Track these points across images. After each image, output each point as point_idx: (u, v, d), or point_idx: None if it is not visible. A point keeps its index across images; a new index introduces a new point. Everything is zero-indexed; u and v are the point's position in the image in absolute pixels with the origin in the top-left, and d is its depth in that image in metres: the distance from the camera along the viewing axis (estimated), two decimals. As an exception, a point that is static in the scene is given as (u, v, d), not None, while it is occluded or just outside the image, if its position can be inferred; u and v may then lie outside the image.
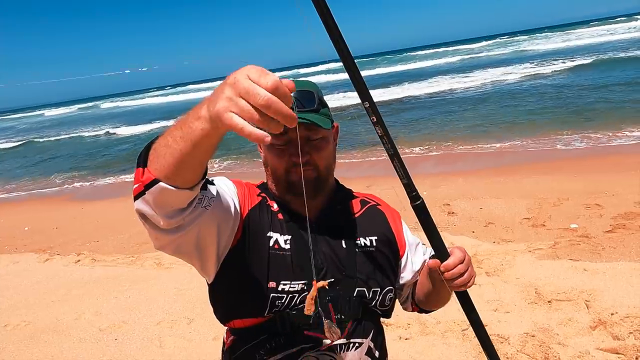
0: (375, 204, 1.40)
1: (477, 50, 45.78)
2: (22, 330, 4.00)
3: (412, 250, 1.38)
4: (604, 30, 40.92)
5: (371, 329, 1.26)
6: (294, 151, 1.16)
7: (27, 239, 7.04)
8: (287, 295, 1.16)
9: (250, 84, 0.72)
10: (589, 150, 7.89)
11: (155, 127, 21.80)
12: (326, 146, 1.22)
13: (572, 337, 2.98)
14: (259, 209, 1.23)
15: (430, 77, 24.08)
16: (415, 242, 1.42)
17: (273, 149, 1.20)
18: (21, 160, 18.07)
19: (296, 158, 1.15)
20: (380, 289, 1.26)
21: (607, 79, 14.67)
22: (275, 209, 1.26)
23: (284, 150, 1.19)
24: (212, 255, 1.15)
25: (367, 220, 1.33)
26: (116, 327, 3.89)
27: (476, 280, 3.88)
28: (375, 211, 1.37)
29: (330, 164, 1.27)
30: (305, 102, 1.16)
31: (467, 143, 9.63)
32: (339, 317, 1.19)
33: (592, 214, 5.02)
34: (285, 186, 1.23)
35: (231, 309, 1.21)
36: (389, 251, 1.32)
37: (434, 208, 5.93)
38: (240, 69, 0.76)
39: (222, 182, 1.21)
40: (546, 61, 22.84)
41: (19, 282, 5.22)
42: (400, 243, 1.36)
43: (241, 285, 1.18)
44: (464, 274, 1.17)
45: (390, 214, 1.39)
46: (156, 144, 0.88)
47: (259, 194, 1.28)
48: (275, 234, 1.21)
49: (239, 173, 10.30)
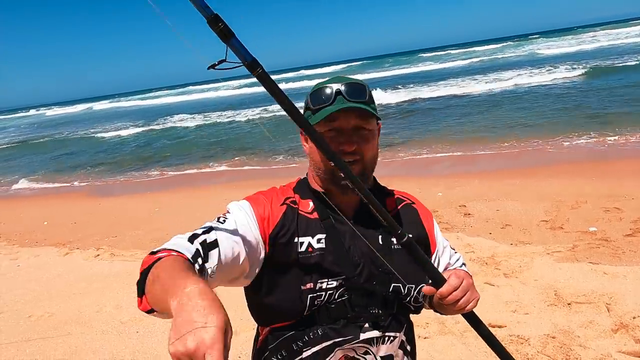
0: (411, 202, 1.42)
1: (489, 52, 45.40)
2: (46, 322, 4.09)
3: (440, 251, 1.41)
4: (621, 33, 40.28)
5: (404, 323, 1.29)
6: (344, 139, 1.18)
7: (46, 233, 7.16)
8: (326, 292, 1.18)
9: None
10: (608, 153, 7.81)
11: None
12: (373, 138, 1.24)
13: (594, 340, 2.98)
14: (284, 219, 1.22)
15: (442, 80, 23.98)
16: (444, 243, 1.44)
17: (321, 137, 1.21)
18: (41, 155, 18.36)
19: (345, 146, 1.18)
20: (415, 285, 1.28)
21: (624, 81, 14.50)
22: (309, 210, 1.27)
23: (333, 138, 1.19)
24: (244, 280, 1.19)
25: (403, 218, 1.36)
26: (137, 320, 3.96)
27: (494, 281, 3.88)
28: (409, 209, 1.40)
29: (375, 157, 1.28)
30: (358, 93, 1.19)
31: (482, 145, 9.59)
32: (375, 312, 1.21)
33: (612, 218, 4.98)
34: (329, 177, 1.23)
35: (270, 316, 1.23)
36: (423, 249, 1.33)
37: (450, 209, 5.93)
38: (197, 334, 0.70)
39: (235, 215, 1.19)
40: (562, 63, 22.59)
41: (40, 274, 5.32)
42: (432, 241, 1.38)
43: (277, 294, 1.19)
44: (461, 300, 1.19)
45: (424, 213, 1.41)
46: (148, 281, 0.94)
47: (285, 201, 1.27)
48: (306, 237, 1.21)
49: (249, 170, 10.38)
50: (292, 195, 1.31)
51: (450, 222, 5.51)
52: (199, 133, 18.68)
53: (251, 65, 0.96)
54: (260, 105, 23.68)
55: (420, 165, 8.90)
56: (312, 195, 1.30)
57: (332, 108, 1.17)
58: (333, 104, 1.18)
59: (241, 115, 22.22)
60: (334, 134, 1.20)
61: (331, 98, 1.18)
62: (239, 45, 0.94)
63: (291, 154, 10.82)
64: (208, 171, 11.25)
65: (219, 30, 0.90)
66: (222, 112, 24.63)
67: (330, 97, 1.18)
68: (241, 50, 0.95)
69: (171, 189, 9.45)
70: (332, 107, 1.17)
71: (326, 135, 1.19)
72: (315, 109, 1.20)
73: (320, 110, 1.19)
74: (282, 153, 11.34)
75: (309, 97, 1.24)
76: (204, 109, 28.46)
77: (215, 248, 1.09)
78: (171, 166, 12.36)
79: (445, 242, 1.45)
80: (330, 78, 1.27)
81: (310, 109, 1.23)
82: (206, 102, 37.72)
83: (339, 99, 1.18)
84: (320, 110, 1.19)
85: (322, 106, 1.19)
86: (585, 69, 18.94)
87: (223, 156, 12.65)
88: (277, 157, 11.20)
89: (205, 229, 1.13)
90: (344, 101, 1.17)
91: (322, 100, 1.19)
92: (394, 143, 10.79)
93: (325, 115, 1.17)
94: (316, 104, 1.21)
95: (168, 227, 6.63)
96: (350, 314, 1.19)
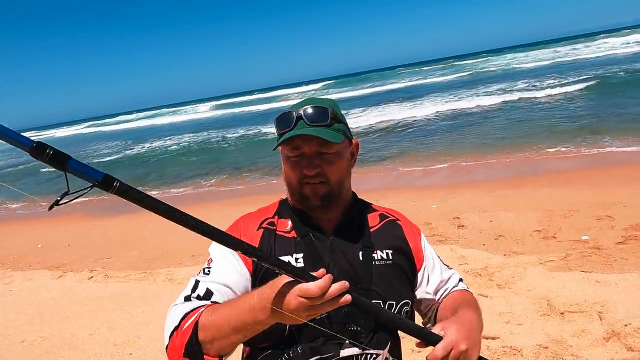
0: (395, 219, 1.42)
1: (468, 66, 45.58)
2: (39, 346, 4.05)
3: (429, 267, 1.39)
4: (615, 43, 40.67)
5: (388, 340, 1.27)
6: (305, 164, 1.23)
7: (40, 257, 7.12)
8: None
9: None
10: (598, 162, 7.88)
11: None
12: (338, 161, 1.27)
13: (586, 349, 2.98)
14: (261, 243, 1.27)
15: (427, 94, 24.21)
16: (434, 259, 1.42)
17: (289, 161, 1.27)
18: (33, 177, 18.32)
19: (307, 171, 1.23)
20: (396, 303, 1.27)
21: (613, 92, 14.68)
22: (287, 229, 1.31)
23: (298, 163, 1.25)
24: None
25: (385, 233, 1.35)
26: (131, 342, 3.93)
27: (488, 292, 3.86)
28: (393, 225, 1.39)
29: (344, 179, 1.31)
30: (318, 118, 1.23)
31: (474, 157, 9.66)
32: (354, 329, 1.21)
33: (604, 226, 5.01)
34: (298, 199, 1.29)
35: (255, 339, 1.21)
36: (406, 265, 1.34)
37: (444, 221, 5.95)
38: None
39: (218, 261, 1.26)
40: (553, 75, 22.85)
41: (33, 298, 5.28)
42: (418, 257, 1.37)
43: None
44: None
45: (410, 229, 1.40)
46: (205, 341, 1.07)
47: (262, 224, 1.32)
48: (285, 257, 1.24)
49: (240, 189, 10.39)
50: (271, 216, 1.35)
51: (445, 235, 5.52)
52: (186, 153, 18.78)
53: (105, 184, 0.81)
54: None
55: (414, 179, 8.95)
56: (292, 213, 1.33)
57: (291, 134, 1.21)
58: (293, 129, 1.22)
59: (229, 133, 22.37)
60: (297, 158, 1.25)
61: (292, 123, 1.23)
62: (80, 167, 0.80)
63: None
64: (202, 191, 11.26)
65: (49, 159, 0.77)
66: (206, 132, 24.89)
67: (292, 122, 1.23)
68: (86, 171, 0.81)
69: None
70: (291, 132, 1.22)
71: (291, 159, 1.26)
72: (280, 134, 1.26)
73: (284, 135, 1.24)
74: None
75: (275, 121, 1.28)
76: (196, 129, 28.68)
77: (211, 296, 1.17)
78: (165, 185, 12.37)
79: (436, 258, 1.44)
80: (300, 101, 1.33)
81: (278, 133, 1.28)
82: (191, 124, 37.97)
83: (300, 124, 1.22)
84: (283, 134, 1.24)
85: (285, 131, 1.24)
86: (576, 79, 19.15)
87: (213, 175, 12.80)
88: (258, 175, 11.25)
89: (193, 286, 1.21)
90: (304, 126, 1.21)
91: (284, 125, 1.24)
92: (386, 157, 10.85)
93: (283, 140, 1.22)
94: (280, 128, 1.26)
95: (162, 247, 6.61)
96: (328, 332, 1.19)
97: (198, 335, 1.07)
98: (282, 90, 75.84)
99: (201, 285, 1.20)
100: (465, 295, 1.40)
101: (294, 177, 1.27)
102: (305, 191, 1.26)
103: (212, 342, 1.07)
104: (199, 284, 1.20)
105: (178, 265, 5.80)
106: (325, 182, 1.25)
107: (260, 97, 62.68)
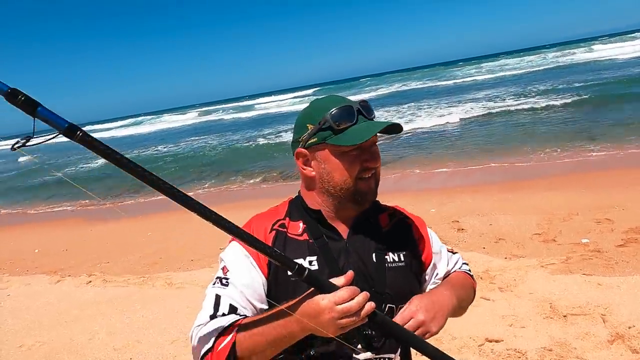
0: (403, 216, 1.40)
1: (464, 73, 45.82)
2: (37, 351, 4.01)
3: (436, 259, 1.39)
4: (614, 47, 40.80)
5: (399, 344, 1.26)
6: (369, 156, 1.21)
7: (37, 261, 7.07)
8: None
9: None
10: (597, 165, 7.91)
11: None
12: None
13: (590, 351, 2.97)
14: (273, 245, 1.23)
15: (426, 98, 24.31)
16: (440, 249, 1.42)
17: (346, 156, 1.20)
18: (25, 179, 18.21)
19: (371, 163, 1.21)
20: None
21: (609, 96, 14.79)
22: (299, 232, 1.27)
23: (356, 156, 1.20)
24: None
25: (396, 234, 1.34)
26: (130, 346, 3.89)
27: (490, 295, 3.85)
28: (403, 224, 1.38)
29: None
30: (371, 110, 1.24)
31: (474, 160, 9.68)
32: (367, 333, 1.20)
33: (603, 229, 5.02)
34: (351, 197, 1.23)
35: None
36: (417, 265, 1.34)
37: (443, 225, 5.94)
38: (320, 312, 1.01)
39: (234, 271, 1.21)
40: (548, 81, 23.00)
41: (31, 303, 5.24)
42: (427, 254, 1.37)
43: None
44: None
45: (416, 225, 1.39)
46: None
47: (273, 226, 1.28)
48: (297, 260, 1.19)
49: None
50: (281, 217, 1.31)
51: (444, 238, 5.51)
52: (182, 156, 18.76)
53: (69, 132, 0.85)
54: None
55: (413, 182, 8.96)
56: (304, 214, 1.30)
57: (363, 127, 1.18)
58: (357, 123, 1.19)
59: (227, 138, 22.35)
60: (357, 152, 1.20)
61: (355, 117, 1.19)
62: (48, 114, 0.85)
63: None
64: (200, 192, 11.24)
65: (21, 103, 0.82)
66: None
67: (354, 116, 1.19)
68: (52, 118, 0.85)
69: (163, 212, 9.39)
70: (359, 126, 1.19)
71: (350, 153, 1.20)
72: (340, 129, 1.19)
73: (348, 130, 1.18)
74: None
75: (329, 116, 1.19)
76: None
77: (236, 311, 1.15)
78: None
79: (442, 248, 1.43)
80: (325, 96, 1.29)
81: (331, 128, 1.19)
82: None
83: (360, 118, 1.20)
84: (346, 130, 1.18)
85: (347, 125, 1.18)
86: (573, 84, 19.27)
87: (210, 177, 12.77)
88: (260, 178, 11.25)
89: (215, 301, 1.17)
90: (364, 119, 1.21)
91: (346, 119, 1.19)
92: (384, 162, 10.86)
93: (363, 137, 1.16)
94: (338, 122, 1.19)
95: (161, 251, 6.58)
96: (342, 336, 1.18)
97: (236, 353, 1.07)
98: (263, 97, 75.13)
99: (223, 300, 1.16)
100: (457, 275, 1.42)
101: (352, 172, 1.20)
102: (361, 187, 1.22)
103: (250, 358, 1.08)
104: (221, 300, 1.17)
105: (177, 269, 5.77)
106: (374, 175, 1.24)
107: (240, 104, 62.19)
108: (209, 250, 5.92)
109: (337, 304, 0.99)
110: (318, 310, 1.00)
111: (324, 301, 1.00)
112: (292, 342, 1.07)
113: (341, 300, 0.99)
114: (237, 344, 1.07)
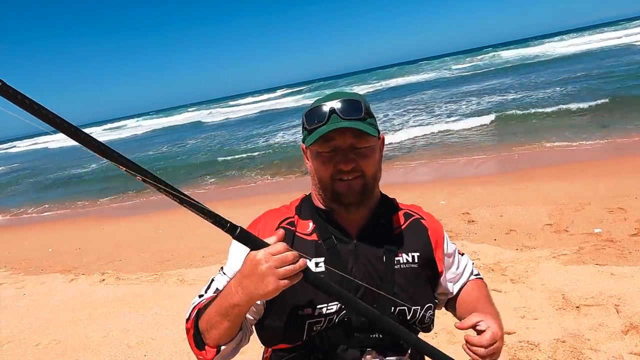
0: (420, 217, 1.37)
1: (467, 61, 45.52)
2: (53, 349, 4.07)
3: (448, 263, 1.38)
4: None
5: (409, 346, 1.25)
6: (340, 158, 1.17)
7: (51, 260, 7.16)
8: (325, 318, 1.17)
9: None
10: (607, 153, 7.82)
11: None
12: (372, 154, 1.22)
13: (604, 342, 2.95)
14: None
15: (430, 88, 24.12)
16: (455, 253, 1.41)
17: (320, 156, 1.20)
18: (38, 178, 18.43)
19: (342, 165, 1.17)
20: (421, 307, 1.25)
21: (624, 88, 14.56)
22: (308, 231, 1.26)
23: (331, 157, 1.19)
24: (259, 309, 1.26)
25: (410, 235, 1.31)
26: (145, 343, 3.94)
27: (502, 287, 3.83)
28: (418, 225, 1.35)
29: (377, 174, 1.26)
30: (351, 111, 1.17)
31: (483, 151, 9.61)
32: (376, 336, 1.19)
33: (616, 218, 4.97)
34: (330, 196, 1.23)
35: (272, 338, 1.24)
36: (430, 267, 1.31)
37: (453, 217, 5.92)
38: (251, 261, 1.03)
39: (236, 262, 1.21)
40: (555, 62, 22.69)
41: (46, 302, 5.31)
42: (440, 259, 1.34)
43: (276, 319, 1.20)
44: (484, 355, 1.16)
45: (433, 228, 1.36)
46: (202, 327, 1.13)
47: (281, 224, 1.27)
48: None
49: (286, 184, 10.40)
50: (292, 215, 1.30)
51: (454, 230, 5.49)
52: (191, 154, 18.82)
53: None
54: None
55: (422, 173, 8.92)
56: (314, 214, 1.29)
57: (326, 128, 1.15)
58: (327, 124, 1.16)
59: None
60: (331, 153, 1.18)
61: (325, 117, 1.16)
62: None
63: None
64: (207, 189, 11.29)
65: None
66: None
67: (325, 116, 1.17)
68: None
69: (173, 209, 9.45)
70: (325, 126, 1.15)
71: (324, 154, 1.19)
72: (311, 129, 1.19)
73: (316, 130, 1.17)
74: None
75: (304, 117, 1.22)
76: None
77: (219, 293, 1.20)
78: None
79: (456, 251, 1.43)
80: (327, 94, 1.25)
81: (306, 129, 1.21)
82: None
83: (333, 118, 1.16)
84: (315, 130, 1.17)
85: (317, 126, 1.17)
86: (579, 70, 19.00)
87: (217, 174, 12.85)
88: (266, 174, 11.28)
89: (208, 284, 1.27)
90: (338, 120, 1.16)
91: (317, 119, 1.18)
92: (392, 155, 10.83)
93: (319, 136, 1.15)
94: (311, 123, 1.19)
95: (173, 248, 6.63)
96: (351, 339, 1.18)
97: (199, 325, 1.13)
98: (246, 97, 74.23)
99: (214, 283, 1.26)
100: (481, 288, 1.43)
101: (326, 173, 1.20)
102: (338, 188, 1.20)
103: (208, 330, 1.11)
104: (213, 282, 1.27)
105: (188, 266, 5.81)
106: (361, 176, 1.20)
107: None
108: (220, 247, 5.95)
109: (273, 254, 1.00)
110: (255, 262, 1.00)
111: (260, 252, 1.01)
112: (238, 312, 1.06)
113: (276, 252, 1.00)
114: (199, 314, 1.14)
